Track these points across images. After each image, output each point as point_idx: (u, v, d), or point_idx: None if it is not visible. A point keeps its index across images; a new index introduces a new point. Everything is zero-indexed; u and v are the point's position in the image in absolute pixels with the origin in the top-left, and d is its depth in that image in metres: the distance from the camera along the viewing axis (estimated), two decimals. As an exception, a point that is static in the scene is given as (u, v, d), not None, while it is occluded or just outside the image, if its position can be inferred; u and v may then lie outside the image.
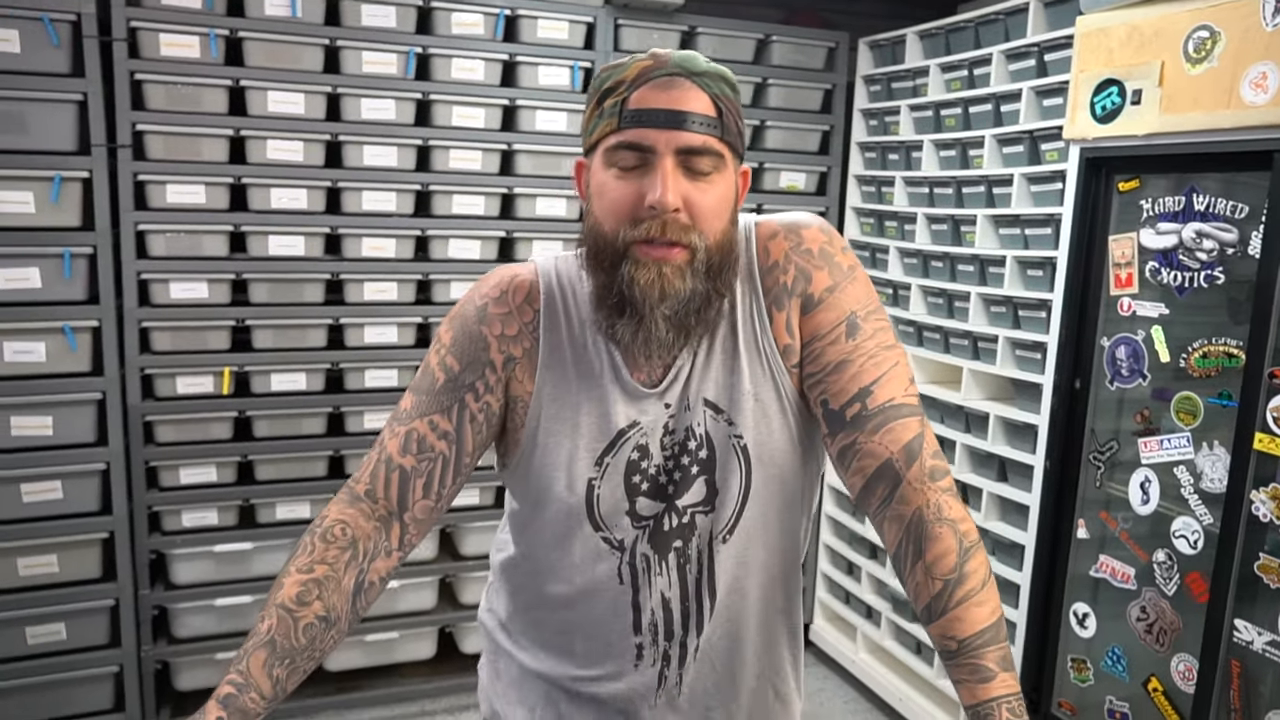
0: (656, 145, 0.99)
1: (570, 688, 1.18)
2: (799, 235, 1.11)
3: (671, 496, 1.10)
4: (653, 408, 1.09)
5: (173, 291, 2.67)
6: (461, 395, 1.10)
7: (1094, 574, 2.28)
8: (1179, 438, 2.05)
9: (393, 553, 1.08)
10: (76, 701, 2.69)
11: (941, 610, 1.02)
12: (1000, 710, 0.98)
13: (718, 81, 1.03)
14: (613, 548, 1.11)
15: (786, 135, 3.31)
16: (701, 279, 1.02)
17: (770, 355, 1.10)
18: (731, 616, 1.14)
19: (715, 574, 1.12)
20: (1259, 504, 1.84)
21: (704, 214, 1.01)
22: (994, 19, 2.73)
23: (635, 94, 1.00)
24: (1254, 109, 1.80)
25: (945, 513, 1.03)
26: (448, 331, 1.13)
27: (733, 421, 1.09)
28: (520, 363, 1.11)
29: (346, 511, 1.07)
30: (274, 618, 1.00)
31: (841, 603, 3.47)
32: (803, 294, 1.09)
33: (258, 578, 2.83)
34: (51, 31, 2.40)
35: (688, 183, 1.00)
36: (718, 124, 1.02)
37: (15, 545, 2.55)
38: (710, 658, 1.15)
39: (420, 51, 2.83)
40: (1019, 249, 2.62)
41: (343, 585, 1.03)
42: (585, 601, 1.13)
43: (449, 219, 2.94)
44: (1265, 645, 1.84)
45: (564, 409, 1.10)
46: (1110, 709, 2.24)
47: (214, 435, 2.77)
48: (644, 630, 1.12)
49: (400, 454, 1.09)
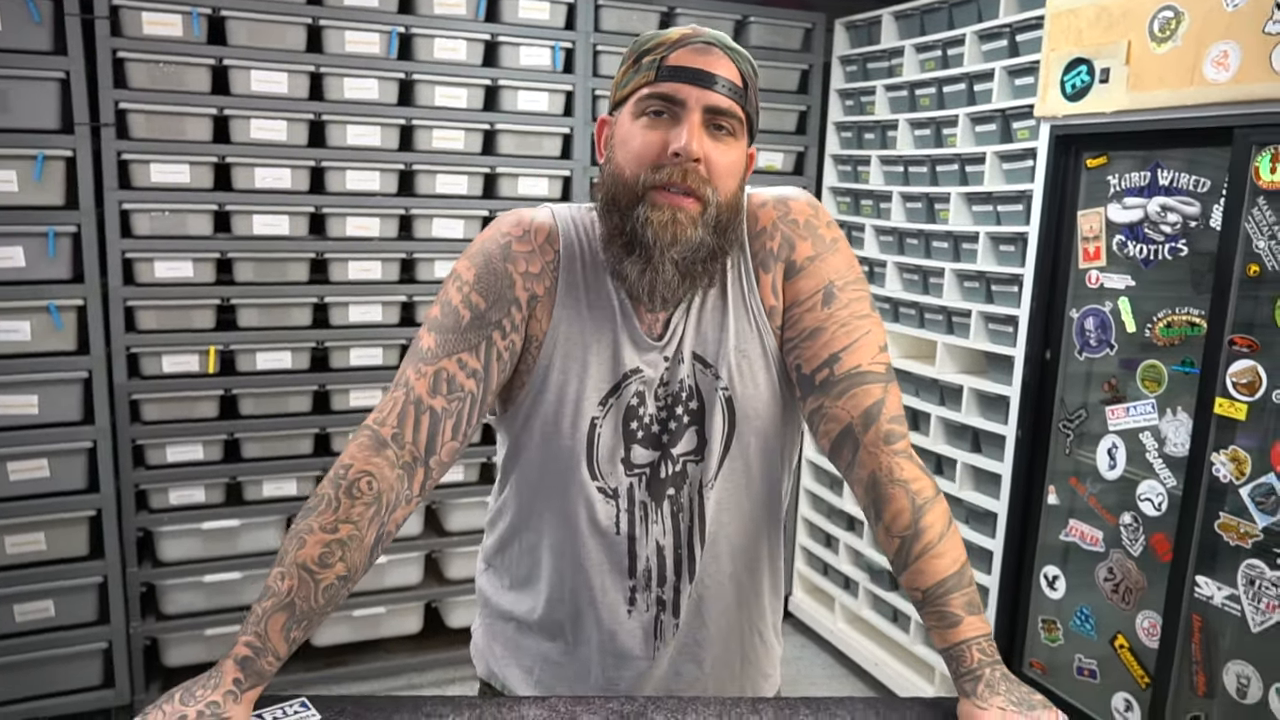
0: (688, 100, 1.05)
1: (568, 641, 1.22)
2: (787, 206, 1.17)
3: (666, 445, 1.15)
4: (654, 359, 1.14)
5: (158, 270, 2.68)
6: (489, 333, 1.11)
7: (1064, 538, 2.36)
8: (1144, 405, 2.13)
9: (412, 499, 1.10)
10: (66, 678, 2.71)
11: (904, 564, 1.09)
12: (971, 650, 1.05)
13: (745, 60, 1.11)
14: (607, 497, 1.15)
15: (764, 116, 3.35)
16: (710, 232, 1.07)
17: (757, 314, 1.15)
18: (718, 563, 1.20)
19: (704, 521, 1.17)
20: (1219, 466, 1.93)
21: (720, 171, 1.07)
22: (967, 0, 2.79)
23: (674, 54, 1.07)
24: (1215, 86, 1.87)
25: (897, 474, 1.09)
26: (469, 269, 1.13)
27: (719, 375, 1.15)
28: (541, 301, 1.13)
29: (373, 460, 1.06)
30: (295, 578, 1.01)
31: (820, 574, 3.55)
32: (786, 260, 1.15)
33: (245, 554, 2.85)
34: (33, 8, 2.40)
35: (710, 140, 1.07)
36: (742, 93, 1.09)
37: (3, 523, 2.56)
38: (700, 604, 1.20)
39: (403, 31, 2.84)
40: (991, 225, 2.69)
41: (365, 542, 1.05)
42: (580, 550, 1.17)
43: (432, 198, 2.96)
44: (1224, 600, 1.93)
45: (575, 348, 1.13)
46: (1079, 666, 2.33)
47: (200, 414, 2.79)
48: (638, 576, 1.17)
49: (430, 394, 1.08)
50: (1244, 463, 1.88)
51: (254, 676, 1.00)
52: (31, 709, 2.67)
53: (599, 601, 1.18)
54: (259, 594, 1.04)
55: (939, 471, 2.90)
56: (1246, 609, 1.88)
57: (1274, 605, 1.83)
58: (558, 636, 1.23)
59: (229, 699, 0.98)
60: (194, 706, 0.97)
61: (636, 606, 1.18)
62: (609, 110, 1.15)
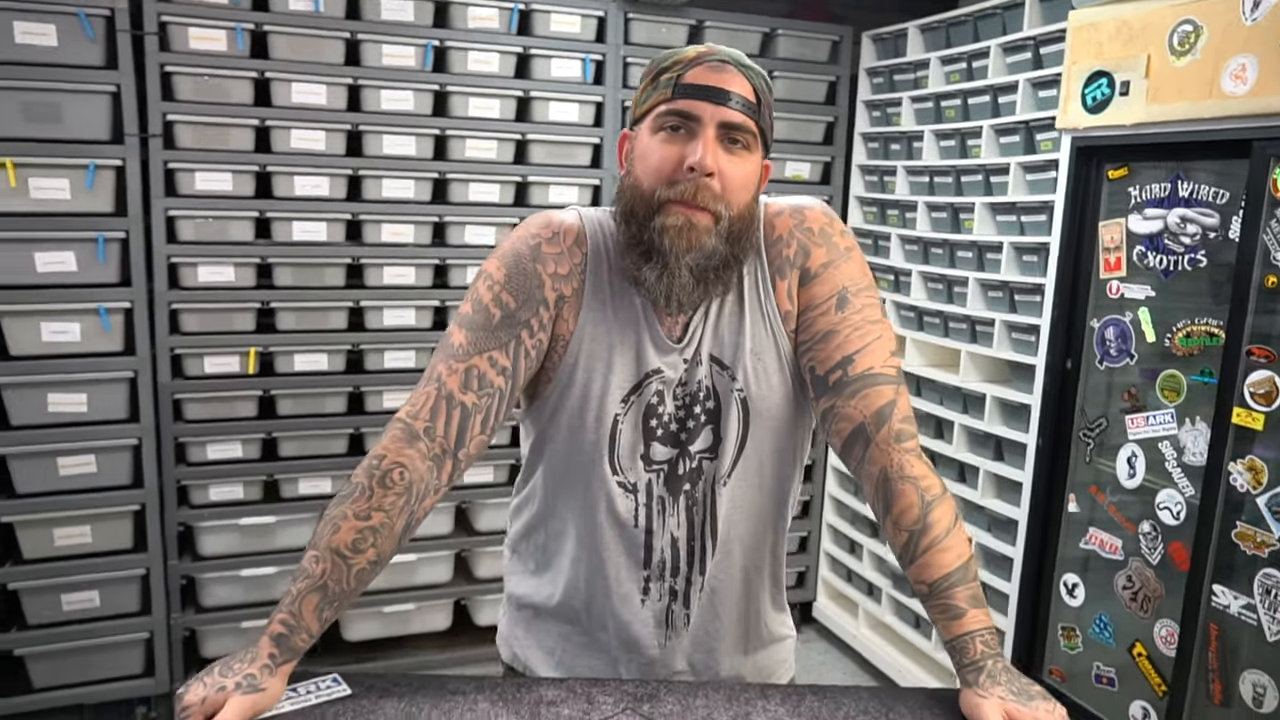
0: (703, 116, 1.10)
1: (584, 627, 1.28)
2: (803, 215, 1.22)
3: (684, 443, 1.21)
4: (674, 360, 1.19)
5: (201, 275, 2.78)
6: (518, 332, 1.16)
7: (1084, 546, 2.38)
8: (1164, 414, 2.15)
9: (440, 489, 1.16)
10: (109, 665, 2.81)
11: (911, 558, 1.13)
12: (974, 642, 1.09)
13: (760, 76, 1.16)
14: (627, 491, 1.21)
15: (792, 126, 3.40)
16: (723, 241, 1.12)
17: (772, 318, 1.20)
18: (730, 557, 1.25)
19: (717, 515, 1.22)
20: (1236, 475, 1.94)
21: (733, 184, 1.12)
22: (992, 13, 2.83)
23: (690, 72, 1.12)
24: (1234, 99, 1.89)
25: (907, 471, 1.14)
26: (499, 269, 1.18)
27: (735, 377, 1.20)
28: (569, 301, 1.18)
29: (405, 452, 1.12)
30: (329, 562, 1.08)
31: (844, 580, 3.57)
32: (801, 266, 1.20)
33: (281, 550, 2.94)
34: (87, 26, 2.51)
35: (724, 154, 1.12)
36: (756, 109, 1.14)
37: (52, 516, 2.67)
38: (713, 596, 1.25)
39: (438, 44, 2.93)
40: (1015, 235, 2.71)
41: (394, 530, 1.11)
42: (599, 540, 1.22)
43: (465, 206, 3.04)
44: (1241, 609, 1.94)
45: (600, 348, 1.18)
46: (1097, 674, 2.34)
47: (240, 413, 2.89)
48: (652, 567, 1.23)
49: (461, 390, 1.14)
50: (1261, 472, 1.90)
51: (288, 652, 1.07)
52: (76, 695, 2.78)
53: (614, 590, 1.23)
54: (294, 575, 1.10)
55: (961, 479, 2.93)
56: (1263, 618, 1.89)
57: (1290, 614, 1.85)
58: (575, 622, 1.28)
59: (265, 672, 1.05)
60: (233, 678, 1.04)
61: (650, 596, 1.24)
62: (629, 125, 1.21)
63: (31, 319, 2.58)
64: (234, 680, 1.04)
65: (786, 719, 1.09)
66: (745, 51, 3.43)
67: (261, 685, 1.04)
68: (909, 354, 3.18)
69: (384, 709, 1.08)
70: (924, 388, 3.11)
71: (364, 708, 1.08)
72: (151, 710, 2.91)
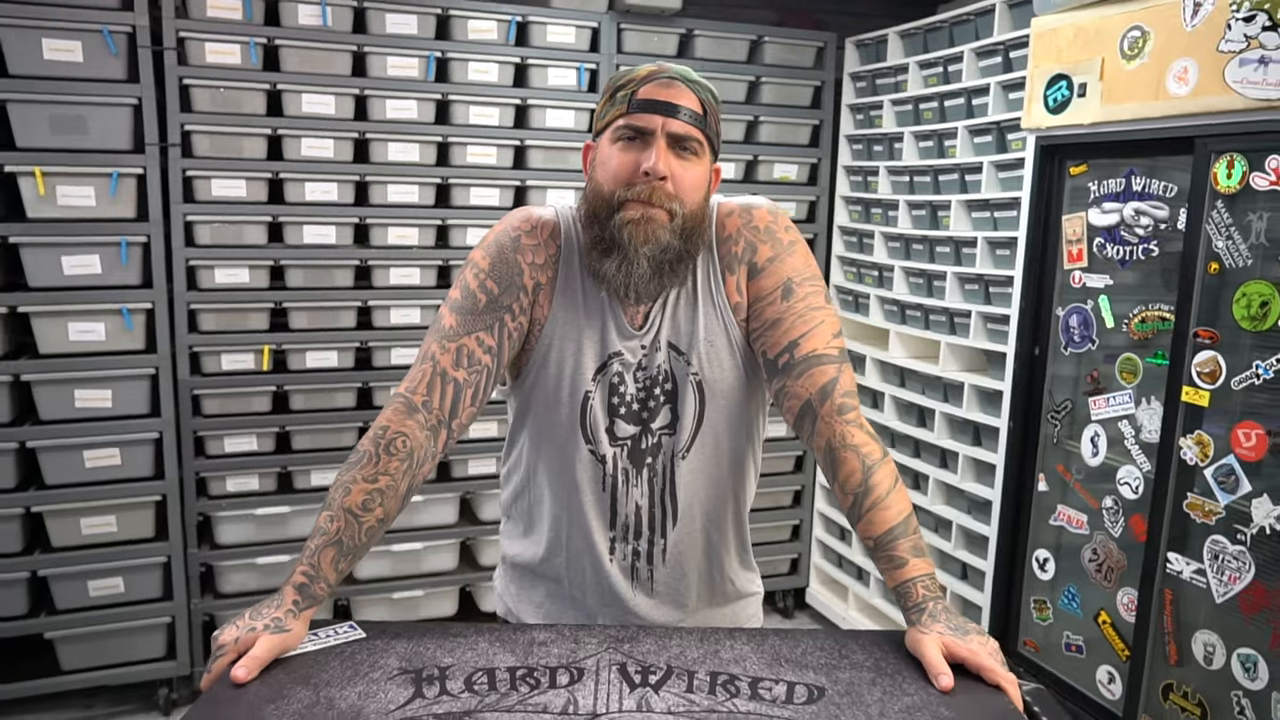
0: (655, 127, 1.25)
1: (566, 582, 1.43)
2: (750, 214, 1.37)
3: (646, 421, 1.36)
4: (633, 346, 1.34)
5: (217, 277, 2.94)
6: (501, 315, 1.31)
7: (1053, 523, 2.52)
8: (1123, 395, 2.29)
9: (436, 455, 1.30)
10: (133, 649, 2.96)
11: (857, 516, 1.28)
12: (916, 587, 1.23)
13: (705, 90, 1.30)
14: (596, 460, 1.36)
15: (779, 129, 3.55)
16: (677, 237, 1.27)
17: (723, 309, 1.35)
18: (694, 523, 1.39)
19: (676, 485, 1.37)
20: (1186, 450, 2.08)
21: (684, 185, 1.27)
22: (966, 19, 2.97)
23: (643, 89, 1.27)
24: (1177, 100, 2.03)
25: (850, 440, 1.28)
26: (484, 258, 1.33)
27: (690, 361, 1.35)
28: (544, 289, 1.33)
29: (406, 423, 1.26)
30: (342, 520, 1.23)
31: (834, 566, 3.71)
32: (749, 262, 1.35)
33: (294, 539, 3.09)
34: (110, 42, 2.67)
35: (675, 160, 1.26)
36: (703, 119, 1.28)
37: (78, 506, 2.83)
38: (680, 558, 1.40)
39: (440, 56, 3.09)
40: (989, 231, 2.85)
41: (399, 492, 1.26)
42: (575, 503, 1.37)
43: (467, 209, 3.20)
44: (1193, 574, 2.08)
45: (571, 330, 1.34)
46: (1067, 643, 2.48)
47: (255, 408, 3.04)
48: (618, 528, 1.38)
49: (453, 367, 1.28)
50: (1208, 446, 2.03)
51: (309, 599, 1.21)
52: (102, 677, 2.93)
53: (587, 547, 1.39)
54: (311, 533, 1.25)
55: (943, 465, 3.06)
56: (1211, 582, 2.03)
57: (1235, 577, 1.98)
58: (558, 580, 1.44)
59: (289, 615, 1.19)
60: (261, 621, 1.18)
61: (616, 554, 1.39)
62: (592, 137, 1.36)
63: (59, 319, 2.74)
64: (262, 623, 1.18)
65: (751, 655, 1.23)
66: (733, 59, 3.60)
67: (287, 627, 1.19)
68: (893, 346, 3.32)
69: (395, 648, 1.22)
70: (907, 378, 3.25)
71: (377, 648, 1.23)
72: (173, 692, 3.05)
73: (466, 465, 3.29)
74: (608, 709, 1.07)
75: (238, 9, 2.83)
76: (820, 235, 3.68)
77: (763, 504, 3.73)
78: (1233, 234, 1.97)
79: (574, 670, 1.16)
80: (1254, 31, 1.86)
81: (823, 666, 1.19)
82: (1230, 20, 1.90)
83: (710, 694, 1.12)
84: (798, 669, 1.18)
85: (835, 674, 1.17)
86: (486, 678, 1.14)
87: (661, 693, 1.11)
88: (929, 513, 3.10)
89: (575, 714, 1.06)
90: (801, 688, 1.14)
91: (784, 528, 3.83)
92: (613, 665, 1.18)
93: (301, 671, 1.15)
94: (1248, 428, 1.95)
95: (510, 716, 1.06)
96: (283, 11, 2.91)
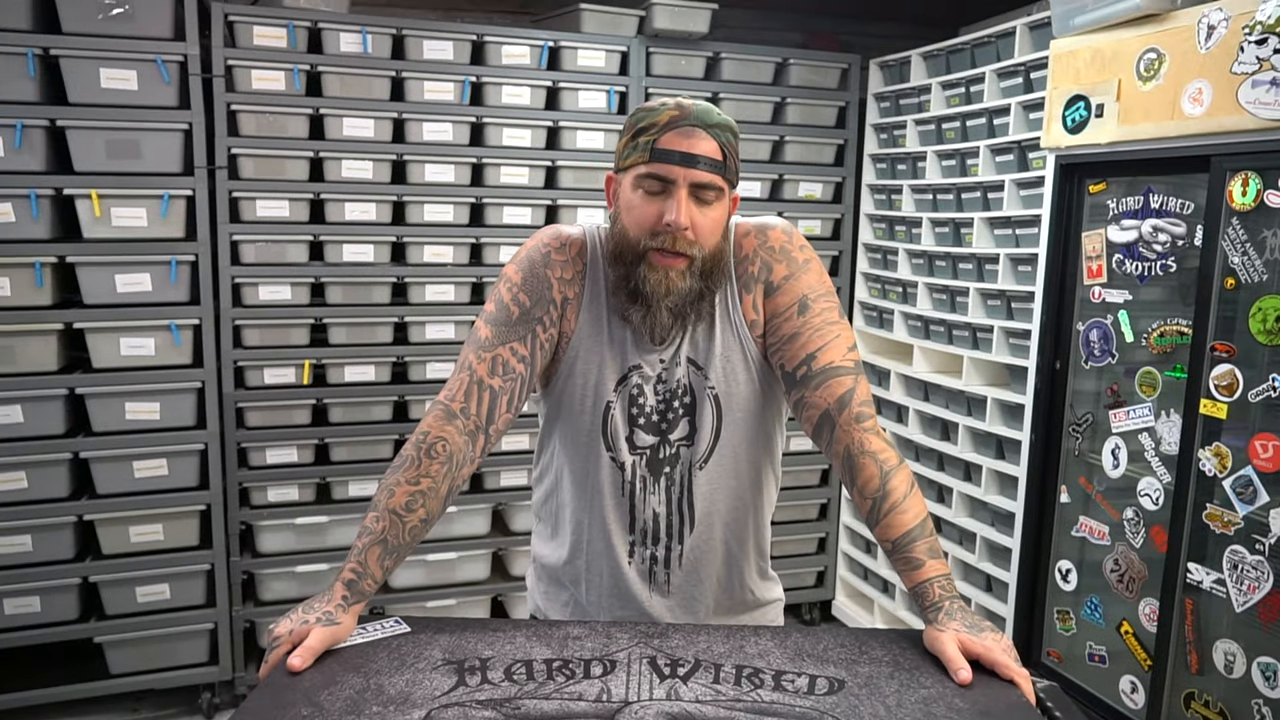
0: (676, 178, 1.32)
1: (587, 584, 1.50)
2: (765, 235, 1.44)
3: (665, 432, 1.43)
4: (651, 360, 1.42)
5: (261, 294, 3.05)
6: (533, 327, 1.39)
7: (1075, 534, 2.55)
8: (1142, 408, 2.33)
9: (475, 460, 1.39)
10: (177, 654, 3.06)
11: (875, 521, 1.34)
12: (933, 587, 1.29)
13: (725, 132, 1.35)
14: (617, 466, 1.44)
15: (804, 149, 3.62)
16: (697, 279, 1.35)
17: (739, 327, 1.43)
18: (711, 531, 1.46)
19: (694, 495, 1.45)
20: (1205, 461, 2.12)
21: (705, 232, 1.35)
22: (988, 41, 3.04)
23: (663, 137, 1.31)
24: (1193, 120, 2.09)
25: (867, 447, 1.34)
26: (517, 273, 1.41)
27: (708, 377, 1.42)
28: (571, 303, 1.42)
29: (445, 429, 1.34)
30: (386, 520, 1.31)
31: (860, 579, 3.75)
32: (765, 281, 1.42)
33: (333, 548, 3.18)
34: (163, 70, 2.80)
35: (695, 208, 1.33)
36: (722, 166, 1.34)
37: (127, 515, 2.94)
38: (697, 565, 1.47)
39: (474, 80, 3.20)
40: (1011, 247, 2.91)
41: (440, 493, 1.34)
42: (597, 508, 1.45)
43: (500, 228, 3.29)
44: (1212, 584, 2.11)
45: (595, 344, 1.42)
46: (1090, 653, 2.51)
47: (295, 421, 3.14)
48: (636, 533, 1.45)
49: (489, 376, 1.37)
50: (1226, 457, 2.07)
51: (357, 594, 1.29)
52: (148, 680, 3.03)
53: (607, 549, 1.46)
54: (358, 533, 1.33)
55: (967, 478, 3.11)
56: (1231, 591, 2.06)
57: (1254, 587, 2.01)
58: (577, 583, 1.51)
59: (339, 610, 1.28)
60: (314, 614, 1.27)
61: (634, 558, 1.46)
62: (615, 170, 1.42)
63: (112, 335, 2.86)
64: (314, 616, 1.26)
65: (775, 650, 1.30)
66: (759, 80, 3.68)
67: (337, 620, 1.27)
68: (916, 361, 3.37)
69: (439, 642, 1.30)
70: (931, 392, 3.29)
71: (421, 641, 1.31)
72: (215, 696, 3.15)
73: (499, 477, 3.38)
74: (639, 697, 1.14)
75: (283, 37, 2.96)
76: (845, 252, 3.74)
77: (789, 517, 3.78)
78: (1248, 250, 2.02)
79: (606, 662, 1.23)
80: (1266, 54, 1.91)
81: (843, 661, 1.26)
82: (1243, 43, 1.96)
83: (736, 685, 1.18)
84: (819, 663, 1.25)
85: (855, 668, 1.24)
86: (524, 668, 1.21)
87: (690, 684, 1.18)
88: (953, 525, 3.14)
89: (608, 702, 1.13)
90: (823, 680, 1.20)
91: (810, 540, 3.88)
92: (643, 658, 1.25)
93: (352, 661, 1.23)
94: (1265, 439, 1.99)
95: (548, 704, 1.13)
96: (325, 39, 3.03)
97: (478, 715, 1.10)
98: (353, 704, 1.12)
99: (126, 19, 2.75)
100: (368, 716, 1.09)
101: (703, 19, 3.36)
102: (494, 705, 1.12)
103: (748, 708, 1.13)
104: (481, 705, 1.12)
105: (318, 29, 3.02)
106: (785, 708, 1.13)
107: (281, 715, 1.09)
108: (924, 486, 3.35)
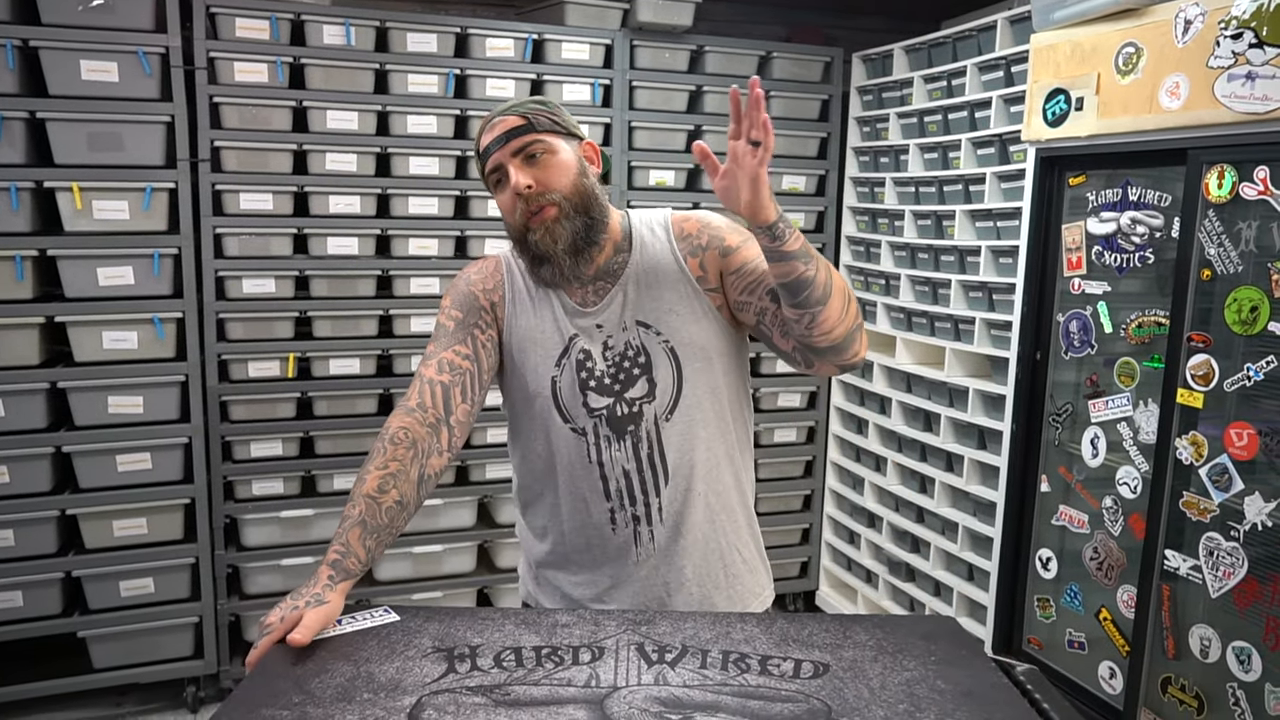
0: (501, 160, 1.46)
1: (575, 565, 1.53)
2: (708, 220, 1.56)
3: (619, 392, 1.49)
4: (586, 325, 1.50)
5: (245, 287, 3.04)
6: (470, 330, 1.51)
7: (1055, 523, 2.59)
8: (1120, 398, 2.36)
9: (443, 453, 1.44)
10: (162, 648, 3.06)
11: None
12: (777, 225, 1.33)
13: (524, 105, 1.49)
14: (578, 434, 1.49)
15: (788, 142, 3.64)
16: (576, 217, 1.45)
17: (689, 282, 1.50)
18: (688, 482, 1.50)
19: (664, 447, 1.49)
20: (1182, 450, 2.15)
21: (550, 176, 1.45)
22: (969, 35, 3.06)
23: (481, 140, 1.49)
24: (1170, 113, 2.12)
25: None
26: (448, 299, 1.56)
27: (659, 331, 1.49)
28: (500, 305, 1.55)
29: (404, 420, 1.42)
30: (361, 504, 1.36)
31: (844, 569, 3.78)
32: (720, 247, 1.51)
33: (318, 541, 3.18)
34: (145, 63, 2.78)
35: (530, 168, 1.44)
36: (528, 127, 1.45)
37: (111, 509, 2.93)
38: (678, 521, 1.50)
39: (459, 73, 3.19)
40: (992, 240, 2.94)
41: (410, 476, 1.39)
42: (567, 481, 1.50)
43: (485, 220, 3.30)
44: (1189, 570, 2.15)
45: (529, 330, 1.52)
46: (1070, 640, 2.55)
47: (280, 414, 3.14)
48: (612, 496, 1.49)
49: (437, 374, 1.47)
50: (1202, 446, 2.11)
51: (343, 573, 1.32)
52: (132, 675, 3.03)
53: (588, 521, 1.51)
54: (339, 521, 1.37)
55: (949, 468, 3.14)
56: (1207, 577, 2.10)
57: (1229, 573, 2.05)
58: (564, 566, 1.55)
59: (326, 589, 1.30)
60: (302, 599, 1.28)
61: (617, 523, 1.50)
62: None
63: (94, 328, 2.85)
64: (303, 600, 1.28)
65: (761, 635, 1.31)
66: (743, 74, 3.70)
67: (326, 599, 1.29)
68: (899, 353, 3.40)
69: (428, 630, 1.31)
70: (913, 384, 3.33)
71: (411, 629, 1.32)
72: (200, 690, 3.15)
73: (484, 470, 3.38)
74: (627, 682, 1.16)
75: (265, 30, 2.94)
76: (829, 245, 3.76)
77: (774, 508, 3.81)
78: (1224, 242, 2.05)
79: (595, 649, 1.25)
80: (1241, 48, 1.94)
81: (828, 646, 1.28)
82: (1219, 38, 1.99)
83: (723, 669, 1.20)
84: (804, 648, 1.27)
85: (839, 652, 1.26)
86: (514, 655, 1.23)
87: (677, 669, 1.20)
88: (935, 515, 3.17)
89: (597, 687, 1.15)
90: (808, 664, 1.22)
91: (794, 531, 3.91)
92: (631, 645, 1.26)
93: (343, 650, 1.24)
94: (1240, 428, 2.02)
95: (537, 689, 1.14)
96: (308, 32, 3.02)
97: (468, 701, 1.11)
98: (344, 691, 1.13)
99: (107, 10, 2.73)
100: (359, 704, 1.10)
101: (687, 12, 3.37)
102: (484, 691, 1.14)
103: (734, 691, 1.14)
104: (472, 692, 1.13)
105: (301, 21, 3.01)
106: (771, 691, 1.15)
107: (273, 703, 1.10)
108: (907, 477, 3.38)
